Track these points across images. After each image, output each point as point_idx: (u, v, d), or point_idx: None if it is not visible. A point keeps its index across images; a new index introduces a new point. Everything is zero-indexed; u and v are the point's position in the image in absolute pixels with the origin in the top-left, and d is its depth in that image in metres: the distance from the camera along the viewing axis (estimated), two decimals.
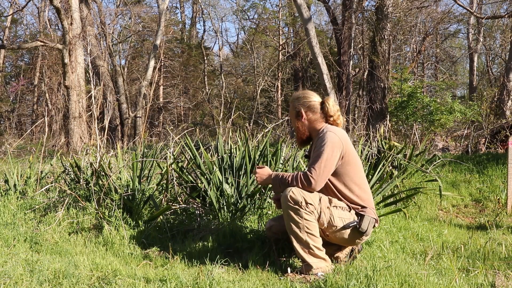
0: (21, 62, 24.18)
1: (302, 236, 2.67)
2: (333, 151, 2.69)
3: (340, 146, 2.71)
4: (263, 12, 23.68)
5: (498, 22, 21.09)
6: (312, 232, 2.68)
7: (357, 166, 2.82)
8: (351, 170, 2.77)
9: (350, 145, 2.80)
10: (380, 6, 11.31)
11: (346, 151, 2.74)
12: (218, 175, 3.83)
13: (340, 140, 2.72)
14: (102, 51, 17.20)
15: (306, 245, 2.68)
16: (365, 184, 2.85)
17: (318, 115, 2.86)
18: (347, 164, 2.75)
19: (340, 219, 2.73)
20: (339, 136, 2.75)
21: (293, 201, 2.65)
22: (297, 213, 2.66)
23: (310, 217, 2.67)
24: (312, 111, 2.86)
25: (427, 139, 9.13)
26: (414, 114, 10.92)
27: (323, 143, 2.70)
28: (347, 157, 2.75)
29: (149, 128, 19.43)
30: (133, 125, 17.76)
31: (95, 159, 4.34)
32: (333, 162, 2.69)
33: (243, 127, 10.57)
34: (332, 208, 2.73)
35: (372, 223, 2.78)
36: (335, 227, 2.73)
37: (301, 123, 2.89)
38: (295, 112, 2.91)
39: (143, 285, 2.48)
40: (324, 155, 2.67)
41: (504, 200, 5.27)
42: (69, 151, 9.85)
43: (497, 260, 3.00)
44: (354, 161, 2.80)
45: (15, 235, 3.29)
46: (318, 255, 2.69)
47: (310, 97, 2.90)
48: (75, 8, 13.26)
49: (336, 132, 2.76)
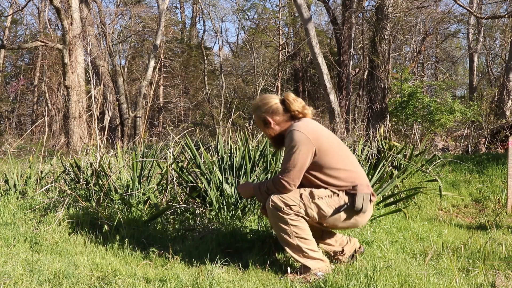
0: (21, 62, 24.17)
1: (293, 241, 2.64)
2: (301, 150, 2.60)
3: (307, 142, 2.62)
4: (263, 12, 23.68)
5: (498, 22, 21.09)
6: (302, 235, 2.64)
7: (336, 151, 2.72)
8: (330, 158, 2.67)
9: (321, 134, 2.70)
10: (380, 6, 11.31)
11: (317, 144, 2.64)
12: (218, 175, 3.83)
13: (306, 137, 2.63)
14: (102, 51, 17.20)
15: (299, 249, 2.66)
16: (350, 164, 2.74)
17: (284, 115, 2.77)
18: (324, 155, 2.65)
19: (329, 206, 2.65)
20: (306, 132, 2.64)
21: (275, 209, 2.63)
22: (282, 220, 2.63)
23: (296, 222, 2.63)
24: (276, 113, 2.77)
25: (427, 139, 9.13)
26: (414, 114, 10.93)
27: (289, 144, 2.64)
28: (322, 147, 2.65)
29: (149, 128, 19.43)
30: (133, 125, 17.76)
31: (95, 159, 4.34)
32: (303, 160, 2.62)
33: (243, 127, 10.57)
34: (317, 200, 2.65)
35: (367, 198, 2.66)
36: (326, 216, 2.65)
37: (271, 129, 2.80)
38: (261, 122, 2.82)
39: (143, 285, 2.48)
40: (292, 156, 2.61)
41: (504, 200, 5.27)
42: (69, 151, 9.85)
43: (497, 260, 3.00)
44: (331, 148, 2.70)
45: (15, 235, 3.29)
46: (313, 256, 2.67)
47: (270, 101, 2.80)
48: (75, 8, 13.26)
49: (301, 129, 2.65)
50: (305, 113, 2.77)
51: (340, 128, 9.99)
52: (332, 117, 11.44)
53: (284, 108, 2.77)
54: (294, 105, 2.75)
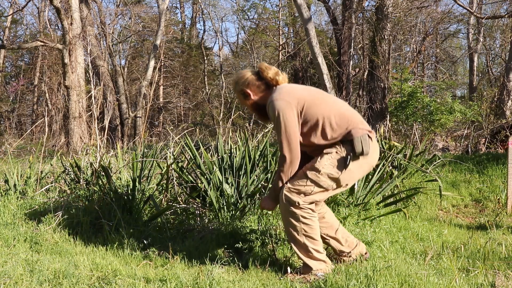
0: (21, 62, 24.17)
1: (300, 239, 2.64)
2: (284, 115, 2.61)
3: (286, 105, 2.63)
4: (263, 12, 23.68)
5: (498, 22, 21.08)
6: (310, 234, 2.63)
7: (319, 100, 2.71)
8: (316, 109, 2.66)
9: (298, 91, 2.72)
10: (380, 6, 11.31)
11: (297, 101, 2.65)
12: (218, 175, 3.83)
13: (284, 100, 2.64)
14: (102, 51, 17.19)
15: (305, 248, 2.65)
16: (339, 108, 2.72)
17: (262, 85, 2.81)
18: (308, 108, 2.65)
19: (335, 167, 2.62)
20: (281, 97, 2.67)
21: (288, 203, 2.62)
22: (294, 216, 2.62)
23: (308, 220, 2.61)
24: (253, 85, 2.82)
25: (427, 139, 9.13)
26: (414, 114, 10.92)
27: (273, 117, 2.66)
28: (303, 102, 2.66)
29: (149, 128, 19.42)
30: (133, 125, 17.76)
31: (95, 159, 4.34)
32: (292, 123, 2.62)
33: (243, 127, 10.56)
34: (322, 169, 2.62)
35: (365, 139, 2.63)
36: (339, 176, 2.62)
37: (251, 101, 2.84)
38: (241, 95, 2.87)
39: (143, 285, 2.48)
40: (280, 126, 2.62)
41: (504, 200, 5.27)
42: (69, 151, 9.85)
43: (497, 260, 3.00)
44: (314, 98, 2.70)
45: (15, 235, 3.29)
46: (317, 257, 2.66)
47: (245, 74, 2.86)
48: (75, 8, 13.26)
49: (277, 97, 2.67)
50: (277, 80, 2.79)
51: None
52: None
53: (258, 77, 2.82)
54: (266, 72, 2.79)
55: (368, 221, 3.80)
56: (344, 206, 3.95)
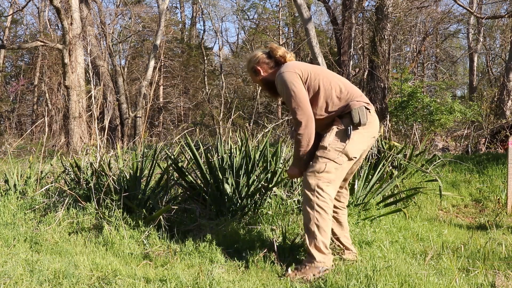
0: (21, 62, 24.17)
1: (312, 227, 2.72)
2: (293, 85, 2.82)
3: (293, 76, 2.84)
4: (263, 12, 23.70)
5: (498, 22, 21.08)
6: (321, 225, 2.70)
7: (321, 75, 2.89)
8: (318, 82, 2.86)
9: (302, 65, 2.93)
10: (380, 6, 11.31)
11: (301, 72, 2.86)
12: (218, 175, 3.83)
13: (290, 72, 2.85)
14: (102, 51, 17.19)
15: (314, 237, 2.72)
16: (337, 82, 2.90)
17: (271, 62, 3.04)
18: (312, 81, 2.86)
19: (339, 141, 2.77)
20: (287, 69, 2.88)
21: (306, 187, 2.74)
22: (309, 203, 2.72)
23: (321, 210, 2.69)
24: (264, 62, 3.05)
25: (427, 139, 9.13)
26: (414, 114, 10.91)
27: (282, 88, 2.86)
28: (306, 74, 2.87)
29: (149, 128, 19.42)
30: (133, 125, 17.75)
31: (95, 159, 4.34)
32: (300, 91, 2.82)
33: (243, 127, 10.56)
34: (329, 146, 2.77)
35: (362, 110, 2.79)
36: (345, 147, 2.76)
37: (261, 77, 3.06)
38: (253, 73, 3.09)
39: (143, 285, 2.48)
40: (290, 95, 2.81)
41: (504, 200, 5.27)
42: (69, 151, 9.85)
43: (497, 260, 3.00)
44: (315, 72, 2.89)
45: (15, 235, 3.29)
46: (322, 250, 2.72)
47: (257, 53, 3.10)
48: (75, 8, 13.26)
49: (283, 70, 2.89)
50: (286, 57, 3.03)
51: None
52: None
53: (268, 56, 3.06)
54: (276, 51, 3.03)
55: (368, 221, 3.80)
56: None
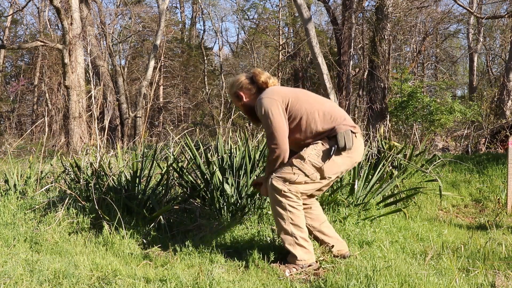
0: (21, 62, 24.17)
1: (287, 228, 2.75)
2: (271, 111, 2.78)
3: (272, 102, 2.80)
4: (263, 12, 23.67)
5: (498, 22, 21.08)
6: (296, 223, 2.75)
7: (305, 98, 2.87)
8: (301, 105, 2.83)
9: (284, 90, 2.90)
10: (380, 6, 11.31)
11: (282, 98, 2.83)
12: (218, 175, 3.83)
13: (270, 98, 2.82)
14: (102, 51, 17.19)
15: (292, 236, 2.76)
16: (323, 105, 2.88)
17: (253, 88, 3.01)
18: (293, 105, 2.82)
19: (319, 157, 2.77)
20: (268, 95, 2.85)
21: (274, 191, 2.75)
22: (280, 204, 2.75)
23: (294, 209, 2.73)
24: (247, 88, 3.02)
25: (427, 139, 9.14)
26: (414, 114, 10.92)
27: (260, 113, 2.83)
28: (288, 99, 2.83)
29: (149, 128, 19.42)
30: (133, 125, 17.76)
31: (95, 159, 4.34)
32: (278, 118, 2.77)
33: (243, 127, 10.56)
34: (307, 158, 2.77)
35: (348, 134, 2.78)
36: (322, 166, 2.76)
37: (243, 103, 3.03)
38: (235, 97, 3.06)
39: (143, 285, 2.48)
40: (268, 121, 2.78)
41: (504, 200, 5.27)
42: (69, 151, 9.85)
43: (497, 260, 3.00)
44: (298, 96, 2.86)
45: (15, 235, 3.29)
46: (303, 245, 2.76)
47: (240, 78, 3.06)
48: (75, 8, 13.26)
49: (264, 96, 2.86)
50: (268, 83, 2.99)
51: None
52: None
53: (251, 81, 3.02)
54: (258, 76, 3.00)
55: (368, 221, 3.80)
56: (344, 206, 3.95)
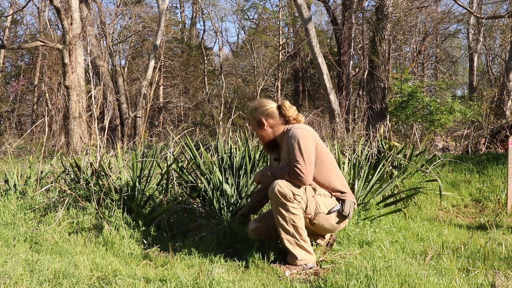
0: (21, 62, 24.16)
1: (289, 228, 2.80)
2: (307, 143, 2.82)
3: (311, 137, 2.85)
4: (263, 12, 23.68)
5: (498, 22, 21.07)
6: (298, 225, 2.80)
7: (330, 155, 2.97)
8: (326, 159, 2.91)
9: (318, 136, 2.96)
10: (380, 6, 11.31)
11: (317, 141, 2.89)
12: (218, 175, 3.83)
13: (309, 132, 2.88)
14: (102, 51, 17.18)
15: (293, 237, 2.81)
16: (338, 170, 3.01)
17: (278, 119, 2.99)
18: (321, 154, 2.89)
19: (324, 205, 2.87)
20: (306, 129, 2.90)
21: (280, 194, 2.76)
22: (284, 207, 2.78)
23: (296, 211, 2.79)
24: (271, 117, 2.99)
25: (427, 139, 9.13)
26: (414, 114, 10.92)
27: (294, 140, 2.83)
28: (320, 147, 2.89)
29: (149, 128, 19.41)
30: (133, 125, 17.76)
31: (95, 159, 4.34)
32: (312, 153, 2.83)
33: (243, 127, 10.56)
34: (317, 196, 2.87)
35: (352, 206, 2.96)
36: (321, 213, 2.86)
37: (264, 131, 3.01)
38: (256, 122, 3.03)
39: (143, 285, 2.48)
40: (302, 149, 2.80)
41: (504, 200, 5.27)
42: (69, 151, 9.85)
43: (497, 260, 3.00)
44: (326, 150, 2.94)
45: (15, 235, 3.29)
46: (304, 246, 2.82)
47: (267, 105, 3.03)
48: (75, 8, 13.25)
49: (302, 127, 2.91)
50: (299, 120, 3.01)
51: (340, 128, 10.00)
52: (332, 117, 11.45)
53: (279, 113, 3.00)
54: (289, 111, 2.99)
55: (368, 221, 3.80)
56: None
